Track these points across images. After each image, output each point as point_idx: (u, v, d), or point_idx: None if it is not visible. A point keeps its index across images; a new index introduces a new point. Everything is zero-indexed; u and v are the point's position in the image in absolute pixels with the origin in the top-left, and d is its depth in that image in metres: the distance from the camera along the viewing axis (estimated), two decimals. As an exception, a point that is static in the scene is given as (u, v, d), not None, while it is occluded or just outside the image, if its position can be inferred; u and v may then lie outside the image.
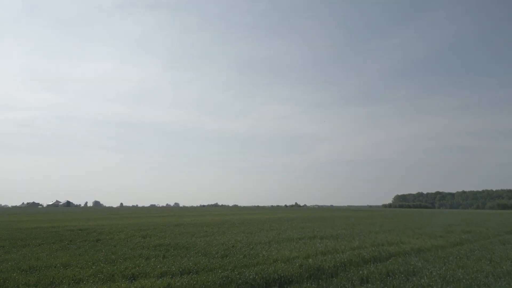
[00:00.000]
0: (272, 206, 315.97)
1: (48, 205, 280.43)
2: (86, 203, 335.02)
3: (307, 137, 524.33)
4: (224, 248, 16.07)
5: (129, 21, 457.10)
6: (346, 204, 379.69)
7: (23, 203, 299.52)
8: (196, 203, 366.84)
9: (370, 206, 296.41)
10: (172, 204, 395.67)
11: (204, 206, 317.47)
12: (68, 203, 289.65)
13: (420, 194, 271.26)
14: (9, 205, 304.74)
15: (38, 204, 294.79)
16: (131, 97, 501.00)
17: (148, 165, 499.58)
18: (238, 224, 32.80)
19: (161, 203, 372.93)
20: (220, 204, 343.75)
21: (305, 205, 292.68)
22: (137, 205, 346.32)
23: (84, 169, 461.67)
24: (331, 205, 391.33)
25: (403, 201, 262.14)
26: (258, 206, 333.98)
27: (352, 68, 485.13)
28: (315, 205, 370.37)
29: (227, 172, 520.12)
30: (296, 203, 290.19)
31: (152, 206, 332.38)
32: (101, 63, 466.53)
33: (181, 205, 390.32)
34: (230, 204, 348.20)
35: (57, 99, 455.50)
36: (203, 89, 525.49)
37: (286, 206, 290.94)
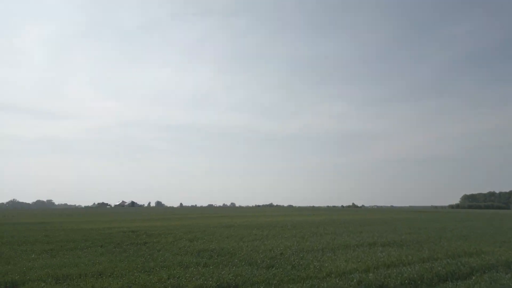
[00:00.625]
0: (327, 206, 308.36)
1: (115, 205, 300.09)
2: (149, 203, 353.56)
3: (363, 135, 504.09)
4: (271, 256, 14.53)
5: (183, 29, 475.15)
6: (407, 205, 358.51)
7: (94, 203, 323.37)
8: (251, 203, 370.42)
9: (435, 207, 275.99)
10: (228, 204, 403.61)
11: (259, 206, 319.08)
12: (133, 203, 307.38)
13: (491, 194, 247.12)
14: (82, 205, 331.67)
15: (106, 204, 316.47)
16: (187, 102, 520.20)
17: (205, 167, 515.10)
18: (290, 226, 31.09)
19: (218, 203, 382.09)
20: (275, 204, 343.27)
21: (363, 206, 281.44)
22: (195, 205, 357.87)
23: (147, 171, 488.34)
24: (391, 206, 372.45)
25: (472, 201, 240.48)
26: (313, 206, 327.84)
27: (410, 61, 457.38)
28: (374, 206, 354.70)
29: (281, 172, 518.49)
30: (353, 203, 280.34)
31: (210, 206, 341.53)
32: (159, 71, 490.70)
33: (237, 205, 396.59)
34: (285, 205, 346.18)
35: (120, 107, 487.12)
36: (256, 91, 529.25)
37: (342, 206, 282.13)
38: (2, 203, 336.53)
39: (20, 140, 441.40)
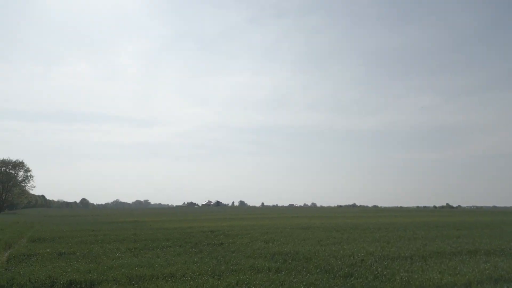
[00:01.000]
0: (417, 207, 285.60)
1: (202, 205, 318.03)
2: (233, 202, 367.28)
3: (456, 128, 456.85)
4: (351, 263, 13.20)
5: (260, 32, 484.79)
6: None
7: (183, 203, 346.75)
8: (332, 203, 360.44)
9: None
10: (309, 204, 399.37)
11: (341, 206, 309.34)
12: (218, 203, 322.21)
13: None
14: (174, 204, 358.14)
15: (194, 204, 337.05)
16: (265, 103, 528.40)
17: (285, 167, 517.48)
18: (373, 229, 28.78)
19: (299, 203, 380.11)
20: (358, 204, 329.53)
21: (459, 206, 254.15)
22: (276, 204, 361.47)
23: (231, 172, 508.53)
24: (493, 206, 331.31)
25: None
26: (400, 207, 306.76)
27: (507, 45, 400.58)
28: (473, 206, 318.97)
29: (364, 171, 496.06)
30: (447, 203, 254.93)
31: (291, 206, 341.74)
32: (238, 76, 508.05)
33: (318, 205, 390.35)
34: (369, 205, 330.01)
35: (205, 112, 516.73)
36: (333, 88, 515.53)
37: (435, 207, 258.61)
38: (107, 203, 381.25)
39: (120, 146, 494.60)
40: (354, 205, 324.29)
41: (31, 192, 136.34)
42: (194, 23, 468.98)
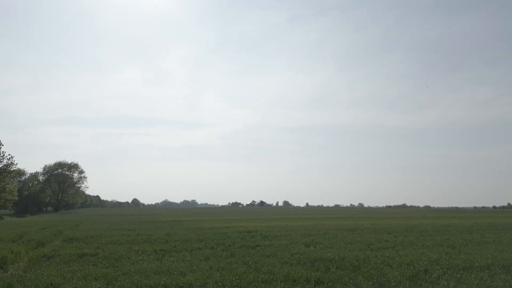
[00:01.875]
0: (475, 207, 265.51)
1: (246, 205, 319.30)
2: (277, 202, 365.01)
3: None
4: (411, 274, 10.60)
5: (302, 30, 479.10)
6: None
7: (229, 203, 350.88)
8: (381, 203, 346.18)
9: None
10: (356, 204, 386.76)
11: (390, 207, 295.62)
12: (262, 203, 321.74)
13: None
14: (220, 204, 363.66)
15: (239, 203, 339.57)
16: (308, 102, 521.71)
17: (329, 167, 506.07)
18: (432, 231, 25.32)
19: (345, 203, 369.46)
20: (408, 205, 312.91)
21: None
22: (322, 204, 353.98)
23: (275, 172, 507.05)
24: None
25: None
26: (456, 207, 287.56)
27: None
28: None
29: (412, 169, 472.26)
30: (508, 203, 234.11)
31: (336, 206, 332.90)
32: (281, 75, 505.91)
33: (365, 205, 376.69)
34: (421, 205, 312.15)
35: (248, 112, 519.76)
36: (380, 84, 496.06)
37: (494, 207, 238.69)
38: (157, 203, 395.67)
39: (169, 149, 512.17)
40: (404, 206, 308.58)
41: (86, 192, 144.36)
42: (237, 25, 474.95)
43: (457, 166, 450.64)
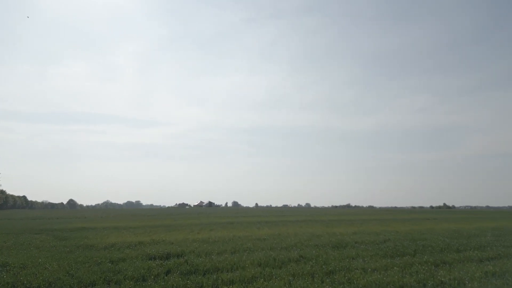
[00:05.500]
0: (412, 207, 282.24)
1: (194, 205, 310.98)
2: (226, 203, 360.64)
3: (452, 128, 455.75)
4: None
5: (256, 32, 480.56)
6: (507, 205, 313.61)
7: (175, 203, 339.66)
8: (327, 203, 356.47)
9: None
10: (303, 204, 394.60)
11: (336, 207, 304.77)
12: (210, 204, 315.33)
13: None
14: (166, 205, 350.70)
15: (186, 204, 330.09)
16: (260, 104, 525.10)
17: (279, 167, 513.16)
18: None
19: (293, 203, 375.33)
20: (352, 205, 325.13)
21: (453, 206, 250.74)
22: (270, 205, 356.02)
23: (225, 172, 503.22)
24: (487, 206, 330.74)
25: None
26: (395, 207, 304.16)
27: (509, 42, 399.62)
28: (467, 206, 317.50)
29: (358, 171, 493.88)
30: (444, 204, 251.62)
31: (284, 206, 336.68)
32: (235, 75, 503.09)
33: (312, 205, 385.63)
34: (365, 205, 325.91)
35: (200, 112, 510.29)
36: (329, 89, 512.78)
37: (431, 207, 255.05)
38: (98, 204, 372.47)
39: (114, 147, 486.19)
40: (348, 206, 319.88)
41: (8, 192, 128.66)
42: (191, 23, 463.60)
43: (398, 168, 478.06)
